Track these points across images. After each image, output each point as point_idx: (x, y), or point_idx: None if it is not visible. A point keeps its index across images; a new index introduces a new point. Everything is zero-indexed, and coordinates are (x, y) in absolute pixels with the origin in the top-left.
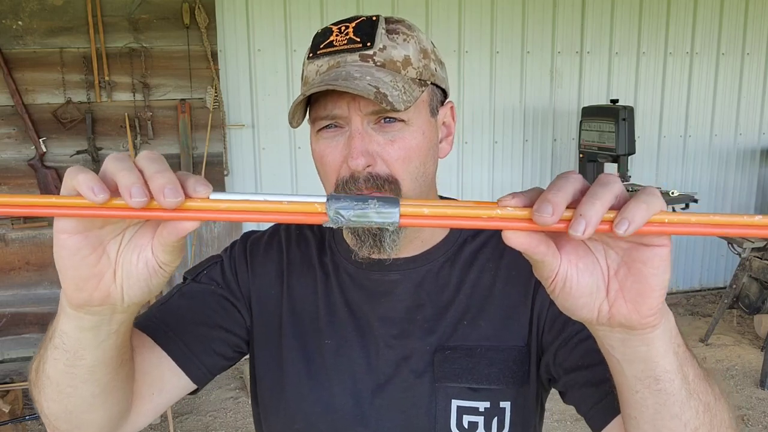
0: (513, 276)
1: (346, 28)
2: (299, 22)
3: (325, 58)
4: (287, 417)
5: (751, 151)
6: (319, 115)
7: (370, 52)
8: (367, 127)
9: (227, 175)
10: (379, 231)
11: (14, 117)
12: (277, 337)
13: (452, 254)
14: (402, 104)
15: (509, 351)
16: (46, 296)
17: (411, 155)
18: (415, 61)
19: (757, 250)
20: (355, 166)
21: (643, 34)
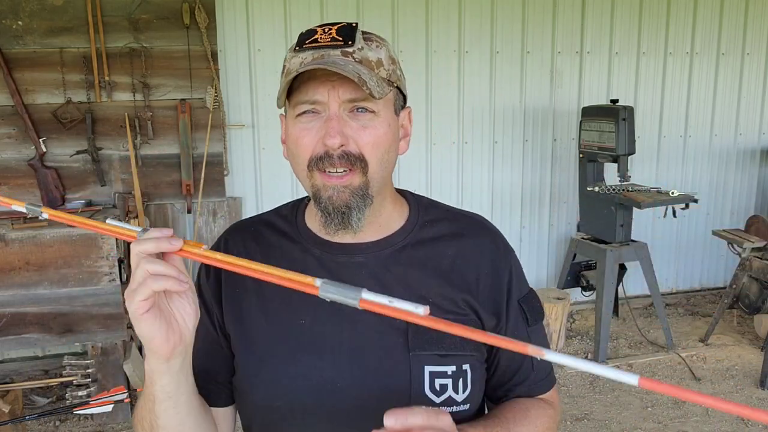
0: (468, 260)
1: (330, 29)
2: (299, 22)
3: (310, 51)
4: (267, 395)
5: (751, 151)
6: (300, 100)
7: (350, 49)
8: (342, 113)
9: (227, 175)
10: (347, 209)
11: (14, 117)
12: (249, 324)
13: (413, 237)
14: (377, 93)
15: (468, 323)
16: (46, 296)
17: (379, 142)
18: (386, 64)
19: (757, 250)
20: (332, 144)
21: (643, 34)
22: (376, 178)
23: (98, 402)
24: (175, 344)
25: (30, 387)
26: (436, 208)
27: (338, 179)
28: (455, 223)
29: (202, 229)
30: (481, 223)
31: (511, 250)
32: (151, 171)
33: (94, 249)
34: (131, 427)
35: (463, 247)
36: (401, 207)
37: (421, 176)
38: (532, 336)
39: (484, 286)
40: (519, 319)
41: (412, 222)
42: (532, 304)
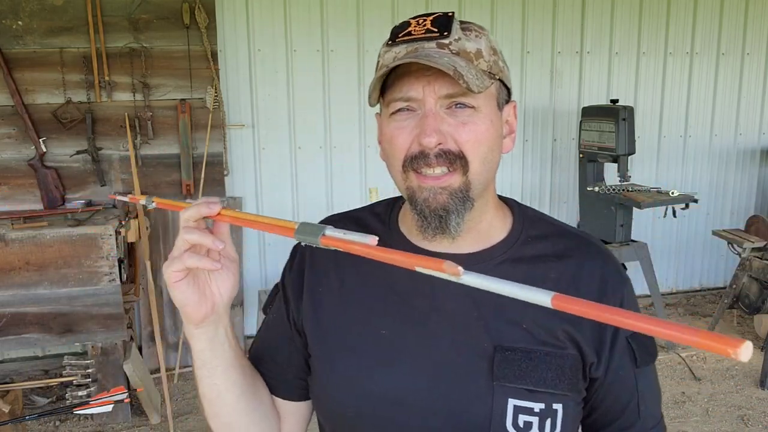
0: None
1: (424, 20)
2: (299, 22)
3: (403, 45)
4: (339, 404)
5: (751, 151)
6: (394, 97)
7: (446, 41)
8: (439, 110)
9: (227, 175)
10: (445, 212)
11: (14, 117)
12: (327, 328)
13: (513, 254)
14: (476, 87)
15: (566, 358)
16: (46, 296)
17: (481, 139)
18: (486, 55)
19: (757, 250)
20: (428, 142)
21: (643, 34)
22: (477, 179)
23: (98, 402)
24: (206, 313)
25: (30, 387)
26: (542, 221)
27: (435, 180)
28: (562, 242)
29: None
30: (591, 245)
31: (625, 279)
32: (151, 171)
33: (94, 249)
34: (131, 427)
35: (568, 270)
36: (504, 216)
37: None
38: (640, 380)
39: (578, 324)
40: (625, 357)
41: (514, 235)
42: (643, 343)
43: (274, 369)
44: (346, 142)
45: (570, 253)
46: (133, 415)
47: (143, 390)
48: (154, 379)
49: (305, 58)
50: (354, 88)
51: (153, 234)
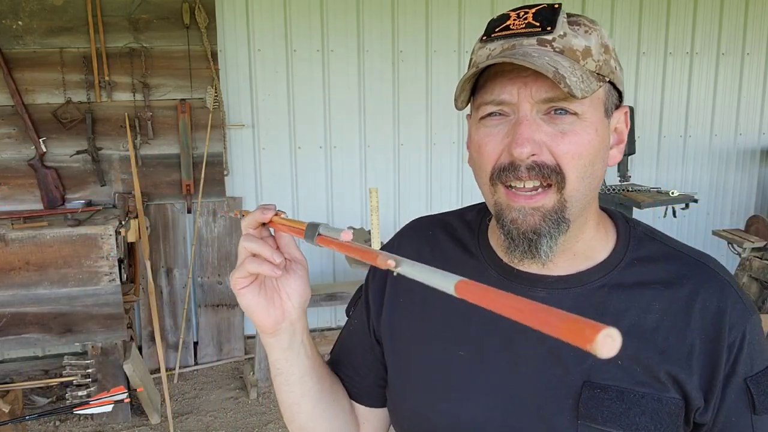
0: (683, 330)
1: (525, 13)
2: (299, 22)
3: (500, 41)
4: (412, 424)
5: (751, 151)
6: (484, 100)
7: (549, 37)
8: (536, 116)
9: (227, 175)
10: (536, 236)
11: (14, 117)
12: (405, 341)
13: (611, 280)
14: (579, 91)
15: (664, 402)
16: (46, 296)
17: (581, 151)
18: (595, 54)
19: (757, 250)
20: (519, 153)
21: (643, 34)
22: (575, 196)
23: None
24: (276, 320)
25: (30, 387)
26: (653, 241)
27: (527, 200)
28: (673, 266)
29: (203, 229)
30: (710, 270)
31: (750, 311)
32: (151, 171)
33: (94, 249)
34: (131, 427)
35: (678, 300)
36: (606, 235)
37: (421, 177)
38: (759, 428)
39: (699, 354)
40: (741, 401)
41: (616, 258)
42: (765, 387)
43: (352, 374)
44: (346, 142)
45: (681, 280)
46: (133, 415)
47: (143, 390)
48: (154, 379)
49: (305, 58)
50: (354, 88)
51: (153, 234)
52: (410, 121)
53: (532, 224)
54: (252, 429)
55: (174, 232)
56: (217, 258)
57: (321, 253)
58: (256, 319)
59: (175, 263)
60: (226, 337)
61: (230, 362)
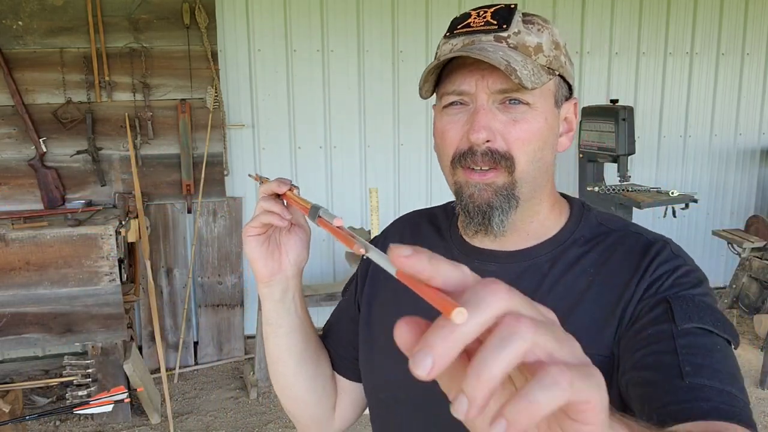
0: (610, 283)
1: (485, 12)
2: (299, 22)
3: (461, 37)
4: (375, 386)
5: (751, 151)
6: (446, 90)
7: (504, 34)
8: (491, 105)
9: (227, 175)
10: (489, 208)
11: (14, 117)
12: (376, 311)
13: (557, 254)
14: (530, 83)
15: (591, 359)
16: (46, 296)
17: (531, 137)
18: (546, 50)
19: (757, 250)
20: (476, 139)
21: (643, 34)
22: (525, 178)
23: (98, 402)
24: (272, 271)
25: (30, 387)
26: (603, 226)
27: (480, 176)
28: (614, 237)
29: (203, 228)
30: (645, 235)
31: (678, 256)
32: (151, 171)
33: (95, 249)
34: (131, 427)
35: (610, 255)
36: (559, 216)
37: (421, 177)
38: (680, 338)
39: (624, 298)
40: (660, 313)
41: (564, 235)
42: (687, 304)
43: (335, 345)
44: (346, 142)
45: (617, 245)
46: (133, 415)
47: (143, 390)
48: (154, 379)
49: (305, 58)
50: (354, 88)
51: (153, 234)
52: (410, 121)
53: (485, 198)
54: (252, 429)
55: (174, 232)
56: (217, 258)
57: (321, 253)
58: (255, 267)
59: (175, 263)
60: (226, 337)
61: (230, 362)
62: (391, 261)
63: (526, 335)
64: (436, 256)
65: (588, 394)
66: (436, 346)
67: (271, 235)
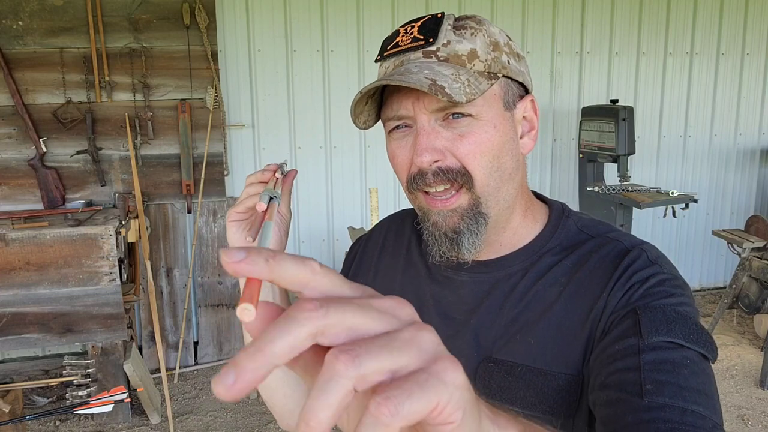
0: (580, 294)
1: (412, 27)
2: (299, 22)
3: (392, 59)
4: None
5: (751, 151)
6: (387, 116)
7: (432, 48)
8: (434, 125)
9: (227, 175)
10: (456, 234)
11: (14, 117)
12: None
13: (528, 264)
14: (463, 96)
15: (553, 377)
16: (46, 296)
17: (482, 149)
18: (482, 54)
19: (757, 250)
20: (420, 162)
21: (643, 34)
22: (487, 191)
23: (98, 402)
24: None
25: (30, 387)
26: (581, 233)
27: (443, 203)
28: (589, 246)
29: (202, 229)
30: (617, 241)
31: (654, 263)
32: (151, 171)
33: (95, 249)
34: (131, 427)
35: (582, 270)
36: (534, 221)
37: None
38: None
39: (597, 316)
40: (627, 326)
41: (539, 244)
42: (656, 315)
43: None
44: (346, 142)
45: (591, 254)
46: (133, 415)
47: (143, 390)
48: (154, 379)
49: (305, 58)
50: (354, 88)
51: (153, 234)
52: None
53: (451, 225)
54: (252, 429)
55: (174, 232)
56: (217, 258)
57: (321, 253)
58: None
59: (175, 263)
60: (226, 337)
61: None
62: (224, 266)
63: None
64: (278, 255)
65: (425, 403)
66: (242, 364)
67: (254, 222)
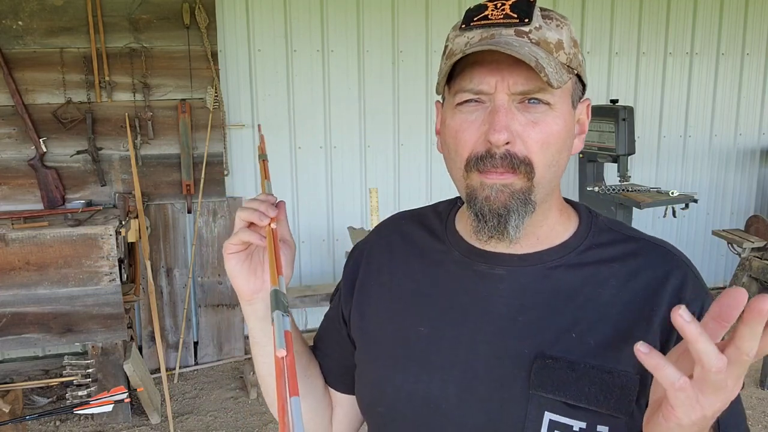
0: (637, 300)
1: (503, 4)
2: (299, 22)
3: (478, 30)
4: (372, 399)
5: (751, 151)
6: (462, 88)
7: (526, 28)
8: (511, 105)
9: (227, 175)
10: (505, 211)
11: (14, 117)
12: (370, 319)
13: (569, 261)
14: (555, 81)
15: (616, 375)
16: (46, 296)
17: (550, 140)
18: (566, 47)
19: (757, 250)
20: (496, 140)
21: (643, 34)
22: (542, 183)
23: (98, 402)
24: (254, 289)
25: (30, 387)
26: (612, 232)
27: (498, 176)
28: (630, 246)
29: (202, 229)
30: (666, 251)
31: (706, 292)
32: (151, 171)
33: (95, 249)
34: (131, 427)
35: (634, 275)
36: (568, 220)
37: (421, 177)
38: None
39: (655, 326)
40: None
41: (576, 240)
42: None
43: (324, 358)
44: (346, 142)
45: (638, 258)
46: (133, 415)
47: (143, 390)
48: (154, 379)
49: (305, 58)
50: (354, 88)
51: (153, 234)
52: (410, 121)
53: (502, 200)
54: (252, 429)
55: (174, 232)
56: (217, 258)
57: (321, 253)
58: (235, 284)
59: (175, 263)
60: (226, 337)
61: (230, 362)
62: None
63: None
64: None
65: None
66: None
67: (253, 252)
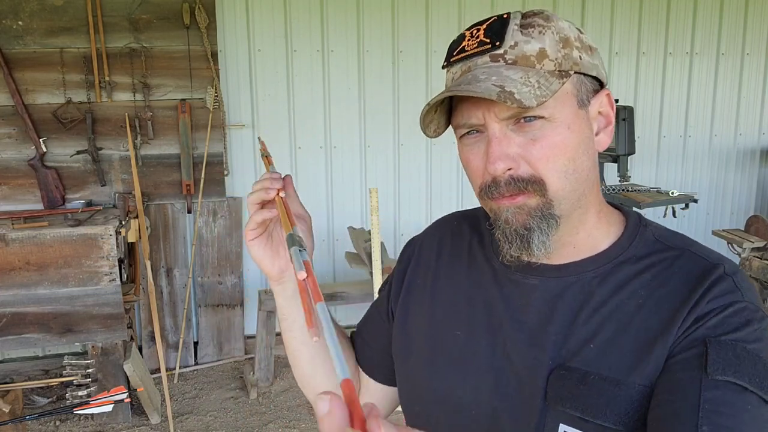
0: (660, 308)
1: (477, 30)
2: (299, 22)
3: (458, 64)
4: (409, 399)
5: (751, 151)
6: (458, 123)
7: (500, 51)
8: (506, 130)
9: (227, 175)
10: (526, 231)
11: (14, 117)
12: (412, 319)
13: (604, 272)
14: (533, 99)
15: (628, 388)
16: (46, 296)
17: (556, 152)
18: (552, 53)
19: (757, 250)
20: (493, 171)
21: (643, 34)
22: (561, 194)
23: (98, 402)
24: (281, 268)
25: (30, 387)
26: (659, 243)
27: (509, 201)
28: (667, 255)
29: (202, 229)
30: (707, 262)
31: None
32: (151, 171)
33: (95, 249)
34: (131, 427)
35: (664, 284)
36: (608, 226)
37: (421, 177)
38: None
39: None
40: (691, 354)
41: (615, 251)
42: (726, 351)
43: (364, 346)
44: (346, 142)
45: (671, 263)
46: (134, 415)
47: (143, 390)
48: (154, 379)
49: (305, 58)
50: (354, 88)
51: (153, 234)
52: (410, 121)
53: (521, 221)
54: (252, 429)
55: (174, 232)
56: (217, 258)
57: (321, 253)
58: (263, 267)
59: (175, 263)
60: (226, 337)
61: (230, 362)
62: None
63: None
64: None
65: None
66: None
67: (272, 232)
